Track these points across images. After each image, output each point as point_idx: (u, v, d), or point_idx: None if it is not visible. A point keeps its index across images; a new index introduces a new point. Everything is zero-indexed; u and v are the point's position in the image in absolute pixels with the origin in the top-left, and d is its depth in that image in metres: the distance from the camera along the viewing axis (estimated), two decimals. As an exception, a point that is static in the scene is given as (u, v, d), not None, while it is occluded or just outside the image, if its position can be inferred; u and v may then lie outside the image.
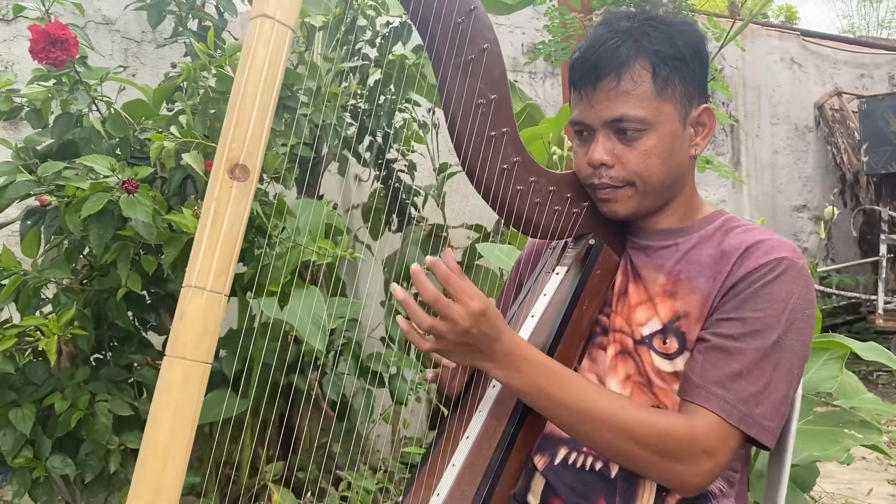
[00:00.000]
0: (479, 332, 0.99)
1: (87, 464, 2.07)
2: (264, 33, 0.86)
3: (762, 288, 1.06)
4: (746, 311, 1.05)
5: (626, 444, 1.02)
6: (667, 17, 1.15)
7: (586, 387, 1.05)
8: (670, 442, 1.02)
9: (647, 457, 1.03)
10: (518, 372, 1.03)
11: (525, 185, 1.12)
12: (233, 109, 0.86)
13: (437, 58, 1.05)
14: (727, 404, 1.02)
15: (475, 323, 0.99)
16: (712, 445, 1.02)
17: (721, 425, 1.02)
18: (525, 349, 1.04)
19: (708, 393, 1.03)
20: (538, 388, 1.03)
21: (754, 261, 1.08)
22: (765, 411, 1.03)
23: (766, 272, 1.06)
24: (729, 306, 1.07)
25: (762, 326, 1.04)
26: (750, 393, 1.03)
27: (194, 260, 0.83)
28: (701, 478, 1.03)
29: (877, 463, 3.30)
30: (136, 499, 0.80)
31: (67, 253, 2.02)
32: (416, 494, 1.06)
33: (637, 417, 1.03)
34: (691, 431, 1.02)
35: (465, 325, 0.98)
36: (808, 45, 5.68)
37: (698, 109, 1.15)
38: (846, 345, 1.70)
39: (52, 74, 2.00)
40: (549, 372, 1.04)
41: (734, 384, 1.03)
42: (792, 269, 1.07)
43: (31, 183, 1.87)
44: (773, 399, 1.03)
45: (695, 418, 1.03)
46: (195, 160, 1.83)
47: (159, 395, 0.81)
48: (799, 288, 1.07)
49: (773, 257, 1.07)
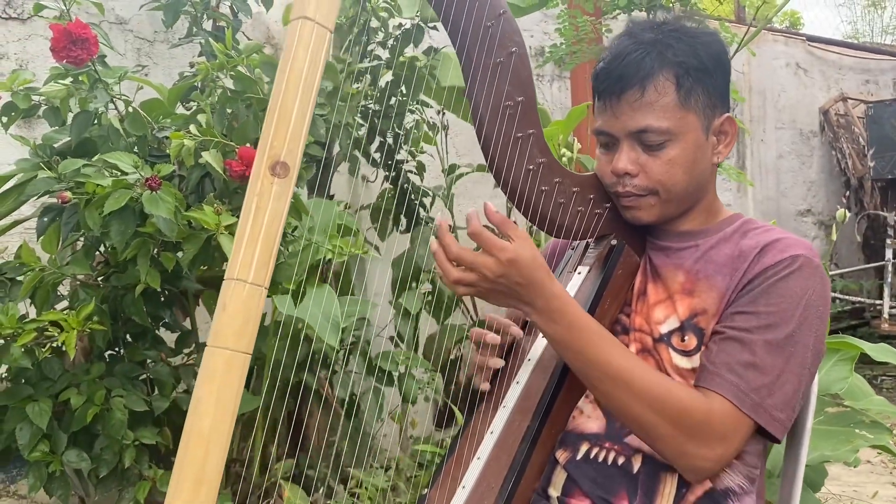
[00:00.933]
0: (509, 281, 1.04)
1: (102, 458, 2.09)
2: (305, 35, 0.89)
3: (777, 283, 1.08)
4: (760, 305, 1.08)
5: (645, 411, 1.05)
6: (690, 28, 1.17)
7: (618, 348, 1.08)
8: (688, 418, 1.04)
9: (663, 428, 1.05)
10: (553, 321, 1.06)
11: (550, 185, 1.14)
12: (274, 108, 0.88)
13: (466, 61, 1.08)
14: (740, 391, 1.05)
15: (504, 273, 1.03)
16: (725, 431, 1.04)
17: (734, 412, 1.05)
18: (562, 301, 1.06)
19: (721, 379, 1.06)
20: (570, 339, 1.06)
21: (770, 258, 1.11)
22: (776, 402, 1.05)
23: (781, 268, 1.09)
24: (744, 300, 1.10)
25: (776, 320, 1.07)
26: (762, 383, 1.05)
27: (236, 253, 0.86)
28: (710, 462, 1.05)
29: (881, 466, 3.33)
30: (179, 485, 0.82)
31: (85, 249, 2.04)
32: (442, 486, 1.09)
33: (661, 386, 1.06)
34: (708, 413, 1.04)
35: (492, 275, 1.03)
36: (813, 50, 5.71)
37: (720, 119, 1.17)
38: (857, 346, 1.73)
39: (70, 73, 2.03)
40: (583, 327, 1.07)
41: (747, 373, 1.05)
42: (808, 266, 1.10)
43: (51, 180, 1.89)
44: (784, 391, 1.06)
45: (711, 401, 1.05)
46: (214, 158, 1.85)
47: (202, 384, 0.84)
48: (814, 284, 1.09)
49: (790, 254, 1.10)
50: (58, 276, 1.94)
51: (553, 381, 1.12)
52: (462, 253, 1.04)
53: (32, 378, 2.07)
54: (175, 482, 0.82)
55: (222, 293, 0.86)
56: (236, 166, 1.83)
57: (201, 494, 0.82)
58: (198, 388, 0.84)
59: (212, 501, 0.83)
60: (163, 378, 2.22)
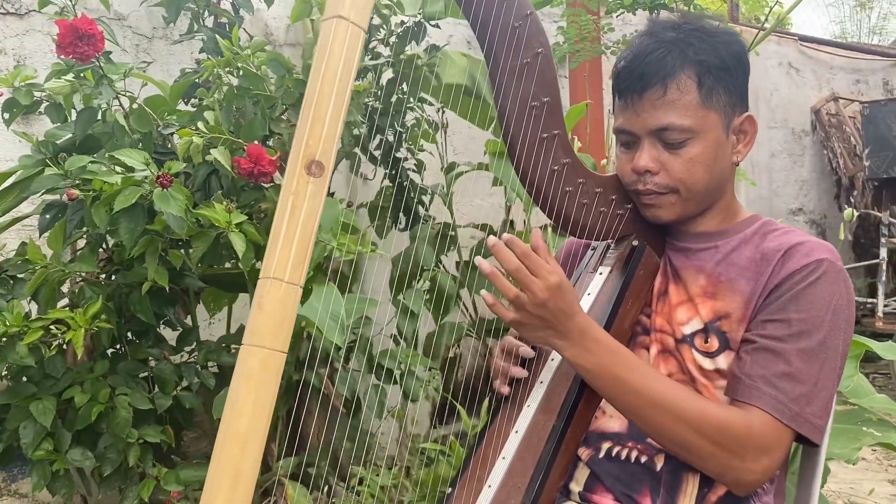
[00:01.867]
0: (554, 307, 1.03)
1: (106, 457, 2.08)
2: (339, 34, 0.88)
3: (805, 289, 1.09)
4: (791, 312, 1.08)
5: (687, 434, 1.05)
6: (710, 27, 1.18)
7: (652, 373, 1.09)
8: (729, 436, 1.05)
9: (706, 448, 1.05)
10: (587, 351, 1.06)
11: (573, 186, 1.15)
12: (309, 108, 0.88)
13: (494, 62, 1.08)
14: (779, 403, 1.05)
15: (552, 296, 1.03)
16: (768, 443, 1.05)
17: (774, 424, 1.05)
18: (596, 330, 1.07)
19: (760, 392, 1.06)
20: (606, 369, 1.06)
21: (795, 262, 1.11)
22: (815, 410, 1.06)
23: (807, 273, 1.10)
24: (773, 308, 1.10)
25: (807, 327, 1.07)
26: (800, 393, 1.06)
27: (272, 252, 0.85)
28: (756, 475, 1.06)
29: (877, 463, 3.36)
30: (216, 484, 0.82)
31: (90, 247, 2.03)
32: (468, 486, 1.09)
33: (700, 407, 1.06)
34: (748, 428, 1.05)
35: (542, 297, 1.03)
36: (805, 50, 5.76)
37: (741, 118, 1.18)
38: (864, 344, 1.74)
39: (73, 69, 2.01)
40: (617, 355, 1.07)
41: (784, 384, 1.06)
42: (832, 270, 1.11)
43: (57, 176, 1.87)
44: (822, 398, 1.07)
45: (751, 416, 1.06)
46: (223, 156, 1.84)
47: (239, 383, 0.83)
48: (839, 288, 1.10)
49: (814, 259, 1.11)
50: (63, 274, 1.93)
51: (577, 382, 1.12)
52: (521, 269, 1.02)
53: (35, 376, 2.06)
54: (211, 480, 0.82)
55: (258, 292, 0.86)
56: (244, 164, 1.83)
57: (238, 493, 0.82)
58: (234, 386, 0.84)
59: (248, 499, 0.83)
60: (165, 376, 2.22)
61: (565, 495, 1.18)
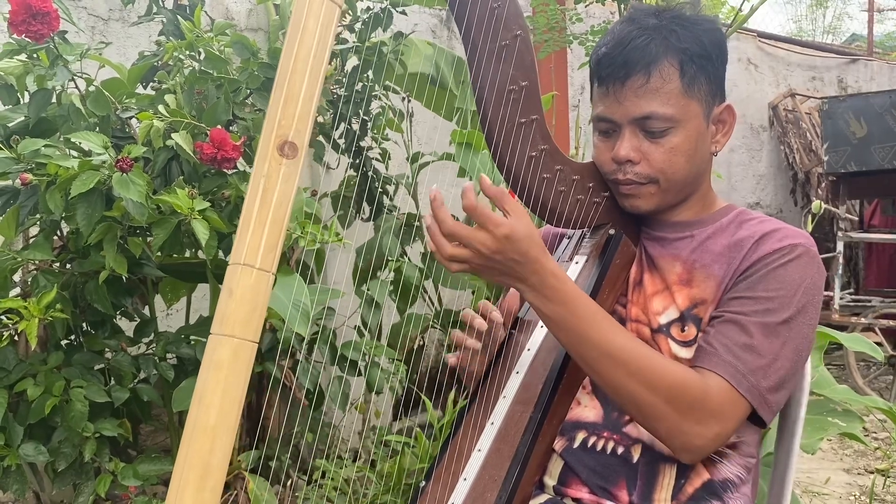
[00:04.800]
0: (504, 258, 1.01)
1: (61, 452, 2.01)
2: (314, 9, 0.85)
3: (776, 269, 1.09)
4: (759, 290, 1.08)
5: (641, 389, 1.03)
6: (690, 15, 1.16)
7: (614, 327, 1.06)
8: (684, 396, 1.03)
9: (658, 407, 1.04)
10: (547, 299, 1.04)
11: (551, 173, 1.13)
12: (282, 86, 0.84)
13: (472, 44, 1.05)
14: (737, 372, 1.05)
15: (500, 249, 1.00)
16: (721, 409, 1.04)
17: (730, 391, 1.04)
18: (557, 279, 1.04)
19: (719, 359, 1.06)
20: (565, 318, 1.04)
21: (769, 246, 1.11)
22: (770, 385, 1.06)
23: (780, 255, 1.10)
24: (742, 286, 1.10)
25: (774, 305, 1.07)
26: (758, 365, 1.05)
27: (242, 237, 0.82)
28: (705, 440, 1.04)
29: (832, 453, 3.42)
30: (184, 479, 0.78)
31: (45, 234, 1.95)
32: (443, 479, 1.06)
33: (657, 364, 1.05)
34: (704, 392, 1.04)
35: (487, 251, 1.00)
36: (763, 46, 5.83)
37: (720, 107, 1.17)
38: (830, 335, 1.76)
39: (27, 49, 1.93)
40: (578, 304, 1.04)
41: (744, 354, 1.05)
42: (806, 255, 1.10)
43: (9, 160, 1.80)
44: (779, 375, 1.07)
45: (708, 380, 1.05)
46: (185, 140, 1.78)
47: (207, 374, 0.80)
48: (812, 273, 1.10)
49: (789, 243, 1.11)
50: (15, 262, 1.86)
51: (553, 372, 1.10)
52: (457, 228, 1.00)
53: (-14, 368, 1.98)
54: (179, 476, 0.78)
55: (228, 278, 0.82)
56: (207, 149, 1.77)
57: (207, 488, 0.78)
58: (202, 378, 0.80)
59: (218, 495, 0.79)
60: (123, 368, 2.15)
61: (540, 489, 1.16)
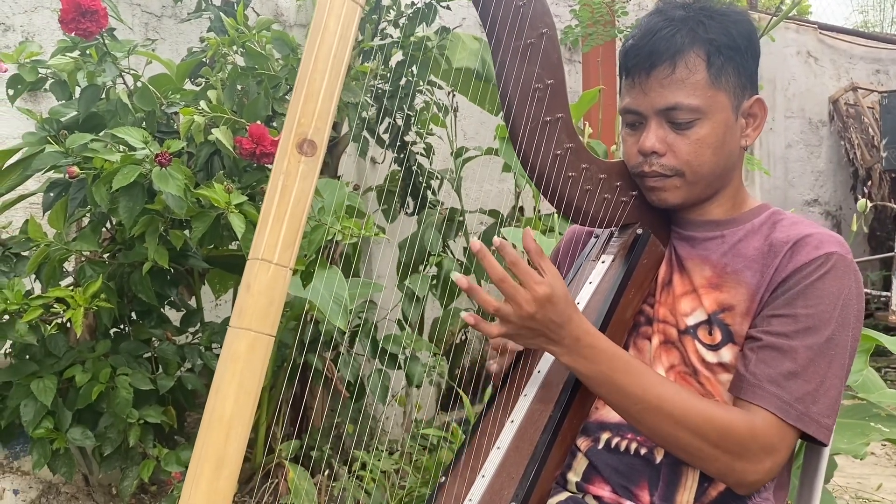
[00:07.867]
0: (544, 318, 0.99)
1: (107, 437, 2.08)
2: (335, 9, 0.85)
3: (814, 283, 1.05)
4: (798, 307, 1.05)
5: (689, 438, 1.02)
6: (720, 7, 1.14)
7: (652, 377, 1.05)
8: (731, 436, 1.02)
9: (707, 451, 1.02)
10: (584, 358, 1.02)
11: (577, 172, 1.12)
12: (302, 84, 0.85)
13: (496, 42, 1.05)
14: (783, 403, 1.02)
15: (540, 308, 0.98)
16: (771, 444, 1.02)
17: (778, 424, 1.02)
18: (593, 336, 1.03)
19: (763, 392, 1.03)
20: (604, 375, 1.03)
21: (804, 255, 1.07)
22: (821, 409, 1.03)
23: (816, 267, 1.06)
24: (779, 302, 1.06)
25: (815, 323, 1.04)
26: (806, 391, 1.03)
27: (261, 233, 0.83)
28: (759, 475, 1.03)
29: (886, 458, 3.32)
30: (199, 468, 0.80)
31: (92, 226, 2.01)
32: (461, 475, 1.07)
33: (701, 409, 1.03)
34: (751, 430, 1.02)
35: (530, 309, 0.98)
36: (824, 38, 5.66)
37: (750, 100, 1.14)
38: (874, 338, 1.71)
39: (78, 46, 1.99)
40: (615, 360, 1.04)
41: (789, 383, 1.03)
42: (841, 264, 1.07)
43: (58, 154, 1.86)
44: (829, 396, 1.04)
45: (754, 416, 1.03)
46: (224, 135, 1.82)
47: (224, 366, 0.81)
48: (849, 283, 1.07)
49: (823, 252, 1.07)
50: (64, 253, 1.92)
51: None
52: (506, 275, 0.98)
53: (37, 355, 2.06)
54: (195, 466, 0.80)
55: (246, 273, 0.83)
56: (246, 144, 1.81)
57: (222, 478, 0.80)
58: (219, 370, 0.82)
59: (232, 485, 0.81)
60: (168, 357, 2.21)
61: (562, 485, 1.16)
